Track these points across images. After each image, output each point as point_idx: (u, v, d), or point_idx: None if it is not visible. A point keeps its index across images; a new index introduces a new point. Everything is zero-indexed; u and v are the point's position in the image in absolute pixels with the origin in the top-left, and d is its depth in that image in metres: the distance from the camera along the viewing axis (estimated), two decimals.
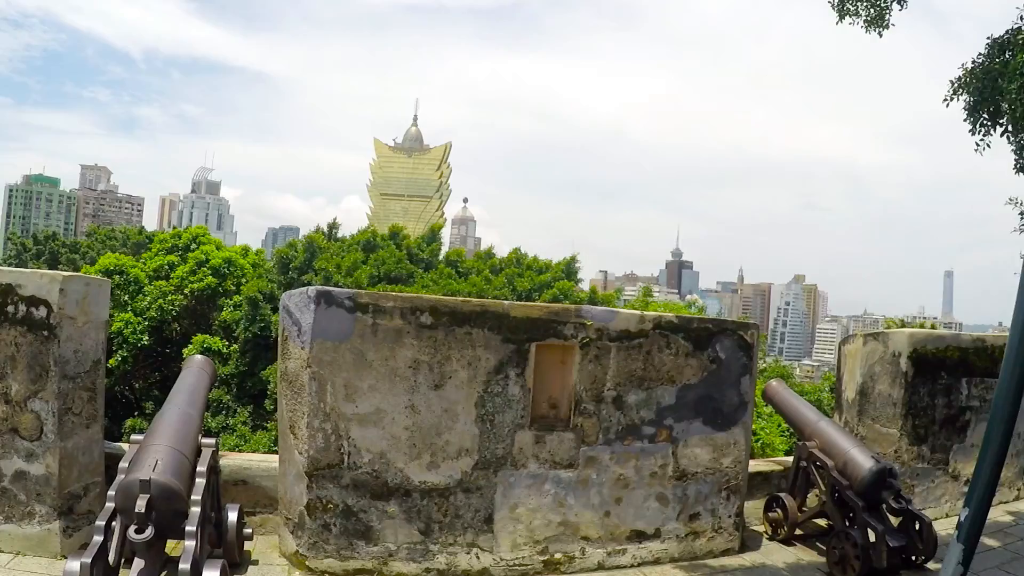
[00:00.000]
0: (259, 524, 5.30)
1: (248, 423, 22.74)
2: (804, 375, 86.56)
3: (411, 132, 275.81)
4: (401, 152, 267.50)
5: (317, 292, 4.78)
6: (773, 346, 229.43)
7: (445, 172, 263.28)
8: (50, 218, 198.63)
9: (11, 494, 4.96)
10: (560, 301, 23.64)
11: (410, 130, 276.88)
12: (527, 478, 5.17)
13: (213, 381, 5.59)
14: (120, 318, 23.68)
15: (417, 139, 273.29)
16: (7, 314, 4.88)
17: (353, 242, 29.19)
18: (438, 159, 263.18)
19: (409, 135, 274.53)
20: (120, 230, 39.98)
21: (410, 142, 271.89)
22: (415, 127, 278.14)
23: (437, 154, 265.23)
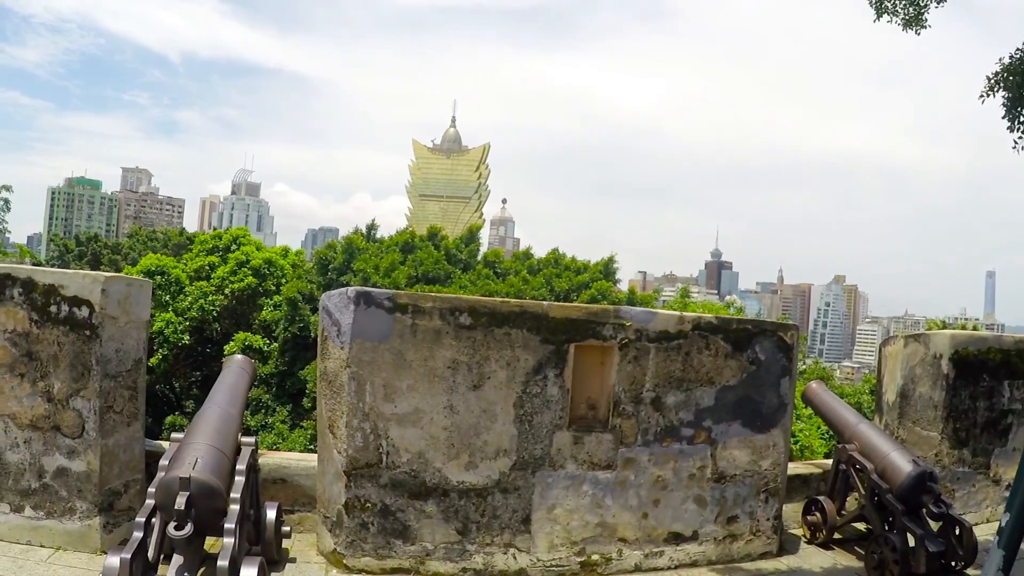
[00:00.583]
0: (297, 522, 5.33)
1: (287, 422, 22.99)
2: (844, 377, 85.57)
3: (449, 133, 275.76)
4: (439, 153, 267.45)
5: (356, 293, 4.77)
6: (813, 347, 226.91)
7: (483, 173, 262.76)
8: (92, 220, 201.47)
9: (53, 490, 5.01)
10: (598, 302, 23.57)
11: (448, 131, 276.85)
12: (565, 479, 5.14)
13: (253, 380, 5.62)
14: (161, 318, 23.95)
15: (455, 140, 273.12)
16: (50, 314, 4.93)
17: (392, 243, 29.37)
18: (476, 160, 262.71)
19: (447, 136, 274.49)
20: (161, 231, 40.42)
21: (448, 143, 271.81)
22: (453, 128, 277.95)
23: (475, 155, 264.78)
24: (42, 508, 5.03)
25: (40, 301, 4.95)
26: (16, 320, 4.99)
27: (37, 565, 4.87)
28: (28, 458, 5.02)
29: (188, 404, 23.79)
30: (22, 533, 5.06)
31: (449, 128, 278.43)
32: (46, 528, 5.03)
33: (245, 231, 31.38)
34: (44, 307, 4.93)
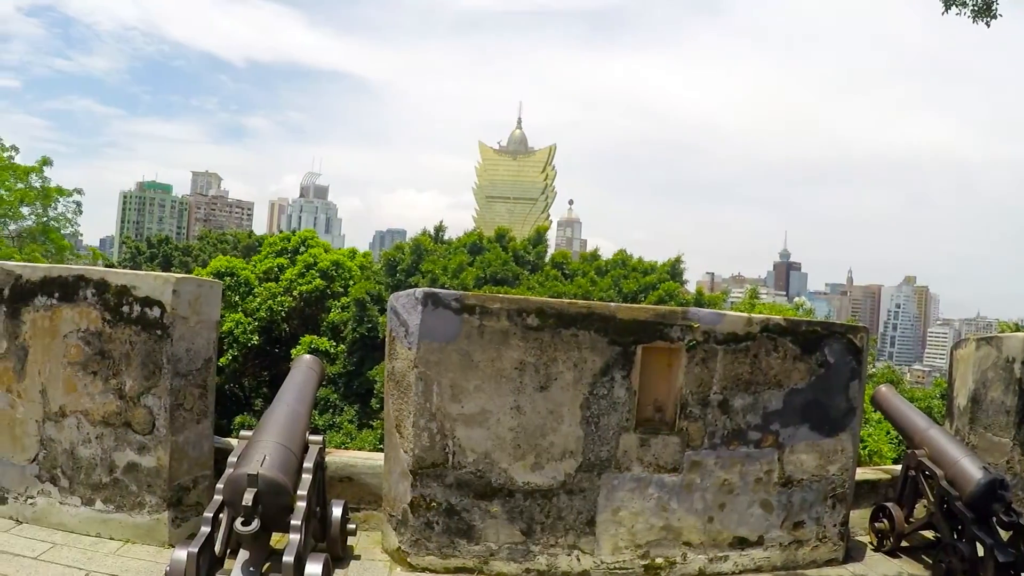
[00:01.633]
0: (363, 520, 5.35)
1: (354, 421, 23.32)
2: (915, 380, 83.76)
3: (515, 135, 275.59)
4: (506, 155, 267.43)
5: (424, 294, 4.76)
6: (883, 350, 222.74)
7: (550, 174, 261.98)
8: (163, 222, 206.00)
9: (123, 484, 5.10)
10: (666, 303, 23.41)
11: (514, 132, 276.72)
12: (631, 481, 5.08)
13: (321, 380, 5.65)
14: (231, 318, 24.37)
15: (521, 141, 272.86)
16: (122, 314, 5.00)
17: (459, 244, 29.62)
18: (543, 161, 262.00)
19: (513, 138, 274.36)
20: (230, 234, 41.10)
21: (515, 144, 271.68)
22: (519, 129, 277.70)
23: (542, 156, 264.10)
24: (112, 502, 5.12)
25: (113, 301, 5.03)
26: (89, 320, 5.08)
27: (106, 557, 4.96)
28: (99, 453, 5.11)
29: (257, 403, 24.21)
30: (92, 525, 5.17)
31: (515, 129, 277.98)
32: (116, 521, 5.12)
33: (313, 233, 31.78)
34: (117, 307, 5.01)
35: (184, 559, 3.84)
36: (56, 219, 31.48)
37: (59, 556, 4.96)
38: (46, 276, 5.23)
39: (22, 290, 5.26)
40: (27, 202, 30.25)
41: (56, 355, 5.16)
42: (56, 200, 31.12)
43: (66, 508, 5.22)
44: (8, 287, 5.30)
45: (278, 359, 24.96)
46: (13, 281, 5.29)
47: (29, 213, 30.86)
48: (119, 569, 4.82)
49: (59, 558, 4.94)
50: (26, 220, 30.92)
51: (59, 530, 5.26)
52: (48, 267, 5.36)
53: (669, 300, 25.28)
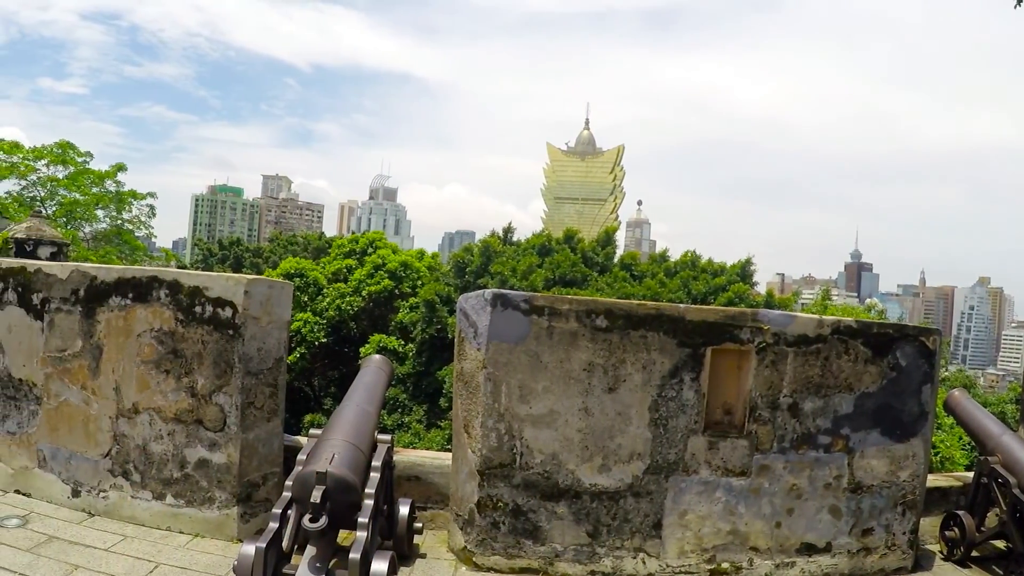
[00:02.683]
0: (429, 519, 5.37)
1: (423, 421, 23.51)
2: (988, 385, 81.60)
3: (583, 135, 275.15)
4: (574, 156, 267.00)
5: (493, 295, 4.77)
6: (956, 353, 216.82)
7: (618, 175, 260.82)
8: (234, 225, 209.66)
9: (193, 480, 5.19)
10: (736, 304, 23.15)
11: (582, 133, 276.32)
12: (698, 484, 5.02)
13: (390, 380, 5.69)
14: (300, 318, 24.79)
15: (589, 142, 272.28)
16: (195, 314, 5.09)
17: (528, 246, 29.69)
18: (611, 162, 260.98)
19: (581, 138, 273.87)
20: (301, 236, 41.74)
21: (582, 145, 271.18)
22: (587, 130, 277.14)
23: (610, 157, 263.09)
24: (183, 497, 5.22)
25: (185, 302, 5.12)
26: (163, 320, 5.18)
27: (175, 550, 5.05)
28: (171, 449, 5.21)
29: (326, 402, 24.52)
30: (163, 519, 5.27)
31: (583, 130, 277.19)
32: (186, 516, 5.22)
33: (381, 235, 32.18)
34: (189, 307, 5.10)
35: (252, 554, 3.88)
36: (130, 222, 32.40)
37: (129, 548, 5.07)
38: (120, 277, 5.35)
39: (97, 291, 5.39)
40: (102, 206, 31.15)
41: (130, 354, 5.27)
42: (130, 203, 32.01)
43: (137, 502, 5.33)
44: (84, 288, 5.44)
45: (347, 358, 25.27)
46: (88, 282, 5.42)
47: (104, 216, 31.82)
48: (188, 563, 4.90)
49: (129, 550, 5.04)
50: (101, 223, 31.86)
51: (130, 523, 5.37)
52: (122, 268, 5.48)
53: (739, 302, 24.93)
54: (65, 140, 31.35)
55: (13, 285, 5.73)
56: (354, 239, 31.60)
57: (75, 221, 30.39)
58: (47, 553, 4.98)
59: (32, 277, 5.64)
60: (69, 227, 29.06)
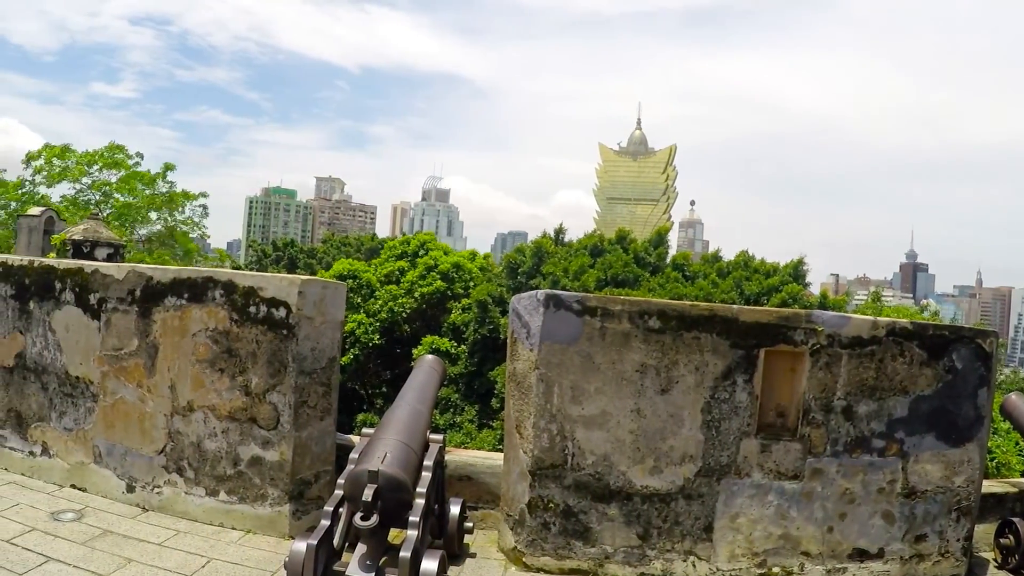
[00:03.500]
0: (480, 519, 5.39)
1: (475, 421, 23.54)
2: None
3: (635, 135, 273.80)
4: (626, 156, 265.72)
5: (546, 295, 4.78)
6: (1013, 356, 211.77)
7: (671, 175, 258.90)
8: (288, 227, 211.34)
9: (246, 477, 5.26)
10: (789, 305, 22.84)
11: (634, 133, 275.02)
12: (750, 487, 4.97)
13: (443, 380, 5.72)
14: (353, 319, 25.02)
15: (641, 142, 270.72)
16: (249, 314, 5.16)
17: (580, 246, 29.58)
18: (663, 162, 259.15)
19: (633, 138, 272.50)
20: (354, 237, 42.03)
21: (634, 145, 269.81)
22: (639, 130, 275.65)
23: (662, 157, 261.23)
24: (235, 493, 5.29)
25: (240, 302, 5.19)
26: (217, 319, 5.26)
27: (228, 546, 5.12)
28: (225, 447, 5.29)
29: (378, 401, 24.67)
30: (215, 515, 5.34)
31: (635, 130, 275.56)
32: (238, 512, 5.29)
33: (432, 236, 32.29)
34: (244, 308, 5.18)
35: (303, 551, 3.91)
36: (184, 222, 32.94)
37: (182, 543, 5.15)
38: (176, 278, 5.44)
39: (153, 291, 5.49)
40: (154, 207, 31.71)
41: (185, 353, 5.36)
42: (183, 204, 32.55)
43: (191, 498, 5.42)
44: (140, 288, 5.54)
45: (400, 359, 25.33)
46: (144, 282, 5.53)
47: (157, 218, 32.39)
48: (240, 558, 4.97)
49: (182, 545, 5.12)
50: (154, 225, 32.44)
51: (183, 519, 5.46)
52: (178, 269, 5.57)
53: (792, 303, 24.50)
54: (115, 143, 31.97)
55: (71, 286, 5.85)
56: (406, 240, 31.61)
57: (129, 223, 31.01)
58: (101, 547, 5.08)
59: (89, 278, 5.77)
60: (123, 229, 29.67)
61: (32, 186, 30.28)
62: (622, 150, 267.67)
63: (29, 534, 5.21)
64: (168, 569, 4.81)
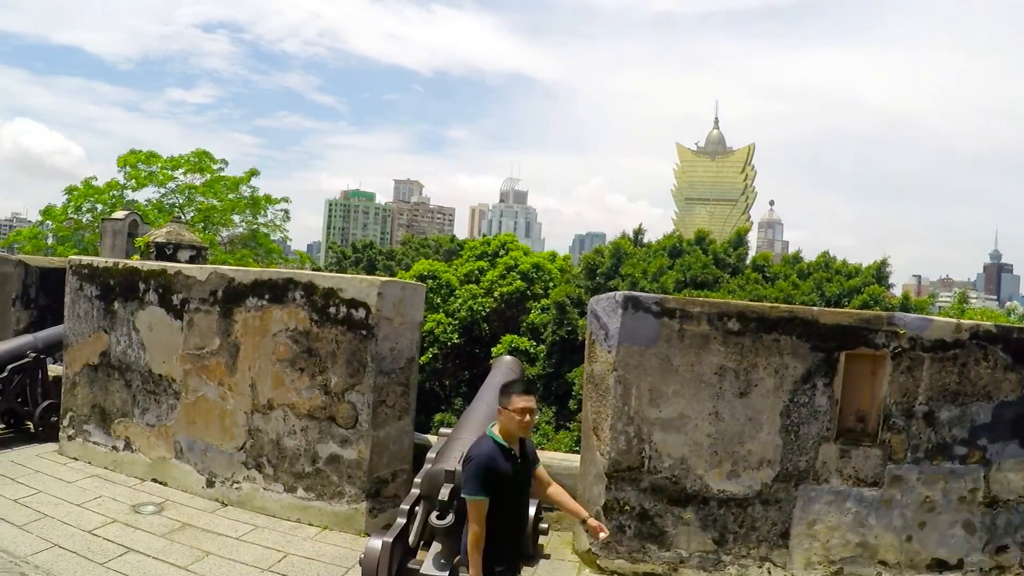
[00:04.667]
0: (555, 520, 5.40)
1: (552, 422, 23.38)
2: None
3: (712, 135, 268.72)
4: (704, 156, 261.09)
5: (624, 297, 4.78)
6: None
7: (749, 174, 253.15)
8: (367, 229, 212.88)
9: (324, 475, 5.35)
10: (870, 308, 22.35)
11: (711, 133, 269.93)
12: (828, 494, 4.91)
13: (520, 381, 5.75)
14: (433, 319, 25.08)
15: (719, 141, 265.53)
16: (329, 315, 5.27)
17: (659, 247, 29.15)
18: (742, 161, 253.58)
19: (711, 138, 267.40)
20: (432, 239, 42.15)
21: (712, 145, 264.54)
22: (716, 129, 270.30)
23: (740, 156, 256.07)
24: (313, 490, 5.39)
25: (320, 303, 5.31)
26: (298, 320, 5.38)
27: (304, 541, 5.22)
28: (304, 444, 5.40)
29: (456, 401, 24.59)
30: (293, 511, 5.45)
31: (712, 129, 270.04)
32: (315, 508, 5.39)
33: (513, 237, 32.23)
34: (324, 308, 5.29)
35: (379, 548, 3.97)
36: (266, 225, 33.68)
37: (259, 538, 5.27)
38: (257, 279, 5.58)
39: (235, 292, 5.64)
40: (238, 211, 32.51)
41: (265, 352, 5.49)
42: (265, 208, 33.29)
43: (269, 494, 5.54)
44: (222, 289, 5.70)
45: (478, 359, 25.17)
46: (226, 284, 5.68)
47: (240, 221, 33.21)
48: (315, 553, 5.06)
49: (259, 539, 5.24)
50: (237, 228, 33.26)
51: (261, 514, 5.59)
52: (259, 271, 5.72)
53: (874, 305, 23.80)
54: (201, 149, 32.88)
55: (154, 286, 6.05)
56: (486, 241, 31.65)
57: (212, 226, 31.79)
58: (180, 539, 5.22)
59: (172, 279, 5.95)
60: (206, 231, 30.44)
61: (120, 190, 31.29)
62: (700, 150, 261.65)
63: (111, 525, 5.40)
64: (245, 563, 4.93)
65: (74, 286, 6.57)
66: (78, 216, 31.28)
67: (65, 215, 31.17)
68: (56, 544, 5.05)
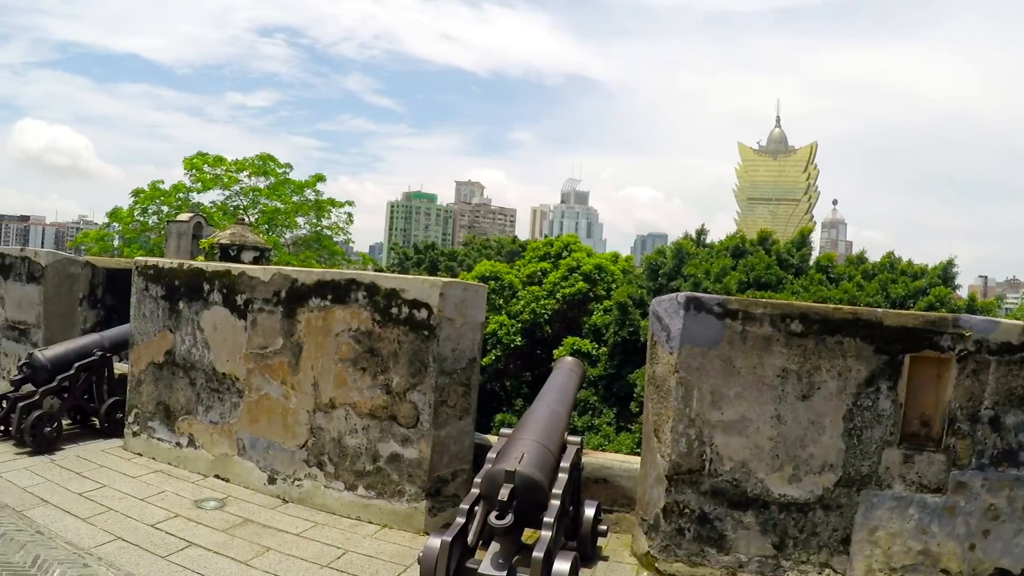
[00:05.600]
0: (614, 522, 5.43)
1: (613, 424, 23.34)
2: None
3: (774, 134, 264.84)
4: (766, 155, 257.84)
5: (686, 298, 4.81)
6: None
7: (812, 173, 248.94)
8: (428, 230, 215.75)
9: (385, 473, 5.45)
10: (936, 309, 21.99)
11: (773, 131, 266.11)
12: (891, 500, 4.87)
13: (582, 382, 5.80)
14: (495, 320, 25.23)
15: (781, 140, 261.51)
16: (391, 315, 5.37)
17: (722, 248, 28.84)
18: (804, 160, 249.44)
19: (773, 137, 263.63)
20: (494, 240, 42.34)
21: (774, 144, 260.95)
22: (778, 128, 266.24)
23: (803, 155, 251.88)
24: (373, 488, 5.49)
25: (382, 303, 5.42)
26: (360, 320, 5.50)
27: (363, 539, 5.31)
28: (365, 443, 5.50)
29: (517, 402, 24.63)
30: (353, 509, 5.55)
31: (774, 128, 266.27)
32: (375, 507, 5.48)
33: (575, 238, 32.04)
34: (386, 309, 5.39)
35: (437, 547, 4.00)
36: (329, 228, 34.29)
37: (319, 535, 5.37)
38: (320, 280, 5.72)
39: (298, 292, 5.78)
40: (302, 213, 33.21)
41: (328, 352, 5.61)
42: (329, 211, 33.88)
43: (330, 491, 5.64)
44: (285, 289, 5.84)
45: (540, 360, 25.15)
46: (290, 285, 5.83)
47: (304, 223, 33.93)
48: (374, 551, 5.15)
49: (319, 536, 5.35)
50: (301, 230, 33.97)
51: (321, 511, 5.70)
52: (322, 271, 5.85)
53: (940, 307, 23.33)
54: (266, 153, 33.61)
55: (219, 287, 6.22)
56: (548, 242, 31.47)
57: (276, 228, 32.53)
58: (241, 535, 5.35)
59: (236, 279, 6.11)
60: (270, 233, 31.13)
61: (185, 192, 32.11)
62: (761, 149, 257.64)
63: (173, 520, 5.55)
64: (304, 559, 5.04)
65: (140, 287, 6.77)
66: (144, 218, 32.12)
67: (131, 217, 32.05)
68: (119, 537, 5.21)
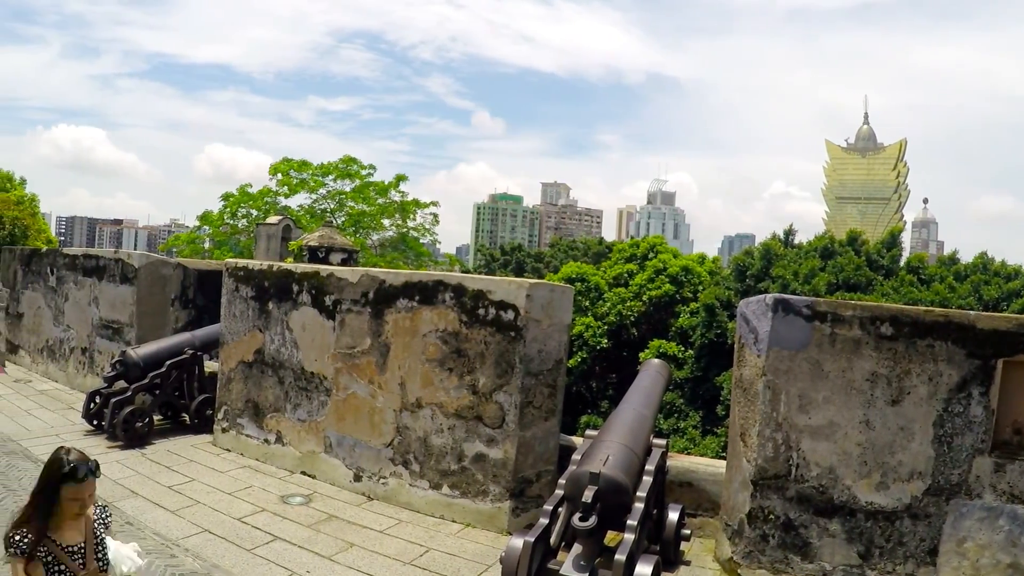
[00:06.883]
0: (698, 526, 5.44)
1: (698, 427, 23.21)
2: None
3: (862, 131, 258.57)
4: (854, 153, 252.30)
5: (774, 300, 4.83)
6: None
7: (902, 171, 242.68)
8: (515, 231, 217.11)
9: (469, 473, 5.56)
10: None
11: (861, 129, 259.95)
12: (980, 510, 4.79)
13: (668, 384, 5.82)
14: (581, 322, 25.45)
15: (869, 138, 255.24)
16: (478, 316, 5.52)
17: (810, 248, 28.48)
18: (893, 158, 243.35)
19: (861, 134, 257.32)
20: (580, 241, 42.51)
21: (862, 142, 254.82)
22: (866, 125, 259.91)
23: (892, 152, 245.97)
24: (458, 488, 5.60)
25: (469, 304, 5.57)
26: (447, 321, 5.66)
27: (447, 537, 5.41)
28: (450, 443, 5.63)
29: (603, 404, 24.62)
30: (437, 508, 5.67)
31: (862, 125, 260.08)
32: (459, 506, 5.59)
33: (662, 239, 31.91)
34: (473, 310, 5.54)
35: (520, 547, 4.05)
36: (415, 229, 34.96)
37: (403, 532, 5.50)
38: (407, 281, 5.90)
39: (385, 294, 5.98)
40: (387, 215, 33.93)
41: (415, 352, 5.78)
42: (414, 212, 34.59)
43: (414, 490, 5.78)
44: (373, 291, 6.05)
45: (626, 362, 25.07)
46: (377, 286, 6.03)
47: (390, 225, 34.66)
48: (457, 550, 5.25)
49: (403, 534, 5.47)
50: (387, 231, 34.70)
51: (405, 509, 5.84)
52: (409, 273, 6.04)
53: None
54: (349, 155, 34.48)
55: (307, 288, 6.46)
56: (635, 244, 31.36)
57: (363, 230, 33.23)
58: (326, 530, 5.51)
59: (325, 281, 6.35)
60: (357, 235, 31.80)
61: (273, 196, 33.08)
62: (850, 147, 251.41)
63: (260, 514, 5.75)
64: (388, 555, 5.17)
65: (230, 287, 7.07)
66: (234, 221, 33.04)
67: (221, 220, 33.05)
68: (206, 529, 5.43)
